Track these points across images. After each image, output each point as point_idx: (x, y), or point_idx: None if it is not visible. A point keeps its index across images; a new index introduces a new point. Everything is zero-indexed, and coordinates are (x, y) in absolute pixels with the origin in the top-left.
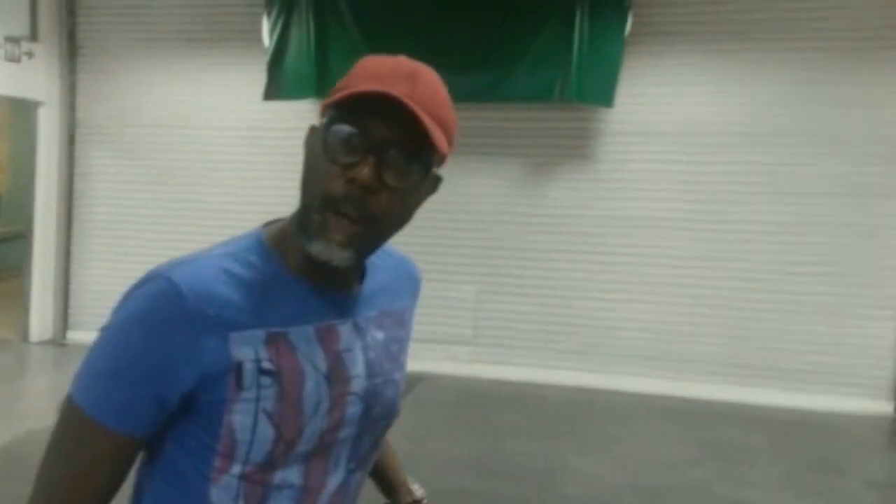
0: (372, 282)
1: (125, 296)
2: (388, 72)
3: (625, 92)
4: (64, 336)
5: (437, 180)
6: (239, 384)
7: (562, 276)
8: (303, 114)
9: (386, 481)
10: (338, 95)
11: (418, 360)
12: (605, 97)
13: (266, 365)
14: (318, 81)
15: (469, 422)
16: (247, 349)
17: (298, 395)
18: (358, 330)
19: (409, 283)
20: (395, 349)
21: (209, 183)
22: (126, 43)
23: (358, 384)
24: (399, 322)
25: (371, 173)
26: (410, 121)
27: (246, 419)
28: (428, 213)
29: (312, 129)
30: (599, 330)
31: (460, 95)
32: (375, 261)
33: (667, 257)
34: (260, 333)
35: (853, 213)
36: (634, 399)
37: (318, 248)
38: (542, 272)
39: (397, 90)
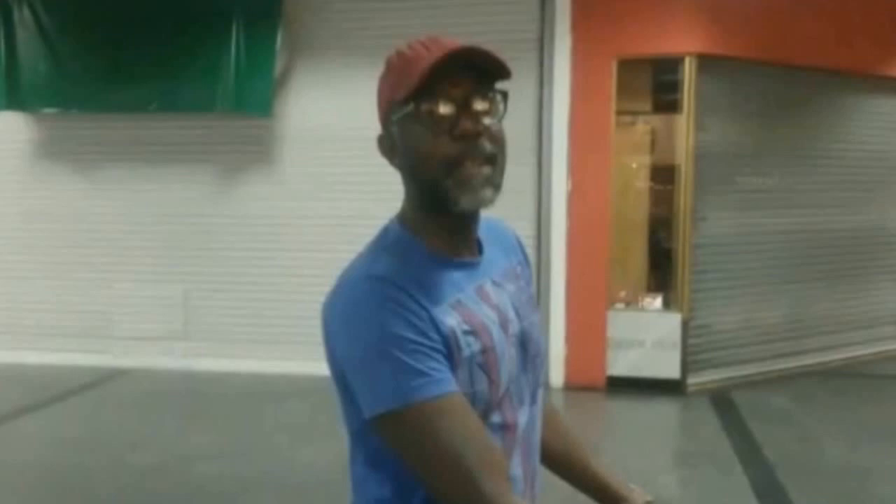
0: (486, 247)
1: (339, 318)
2: (426, 46)
3: (296, 101)
4: None
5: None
6: (458, 348)
7: (258, 273)
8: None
9: (603, 488)
10: (414, 81)
11: (129, 357)
12: (261, 107)
13: (465, 327)
14: (8, 94)
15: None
16: (449, 319)
17: (492, 344)
18: (497, 285)
19: (509, 240)
20: (525, 298)
21: None
22: None
23: (515, 328)
24: (515, 276)
25: (471, 122)
26: (468, 68)
27: (466, 375)
28: (132, 218)
29: (382, 137)
30: (296, 320)
31: (130, 106)
32: (482, 229)
33: (348, 252)
34: (448, 306)
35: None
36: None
37: (467, 202)
38: (239, 269)
39: (448, 47)
